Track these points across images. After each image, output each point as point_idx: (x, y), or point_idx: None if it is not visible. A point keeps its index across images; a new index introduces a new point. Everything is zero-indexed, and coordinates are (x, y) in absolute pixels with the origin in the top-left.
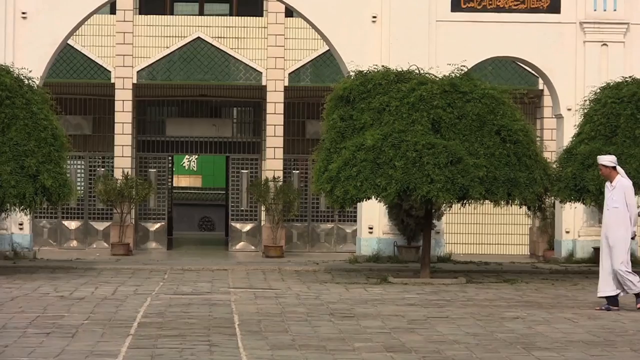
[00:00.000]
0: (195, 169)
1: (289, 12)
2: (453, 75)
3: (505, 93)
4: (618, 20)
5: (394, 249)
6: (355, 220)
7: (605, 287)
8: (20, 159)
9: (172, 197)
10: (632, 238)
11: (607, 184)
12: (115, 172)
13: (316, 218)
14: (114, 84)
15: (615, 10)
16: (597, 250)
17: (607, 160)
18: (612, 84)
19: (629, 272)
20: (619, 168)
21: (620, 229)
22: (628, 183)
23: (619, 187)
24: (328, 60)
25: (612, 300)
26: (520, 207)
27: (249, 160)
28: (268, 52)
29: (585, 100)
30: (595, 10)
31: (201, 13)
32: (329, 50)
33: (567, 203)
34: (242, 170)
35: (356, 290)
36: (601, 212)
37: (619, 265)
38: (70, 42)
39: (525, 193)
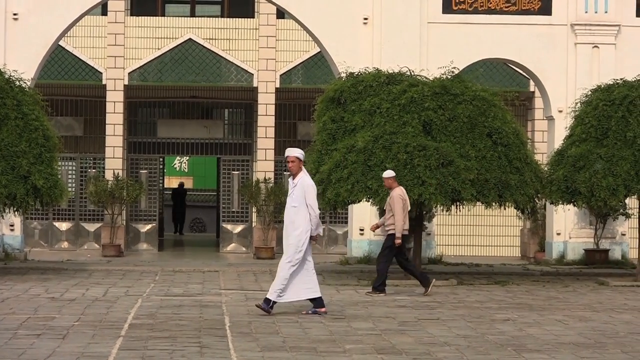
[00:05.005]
0: (186, 170)
1: (281, 13)
2: (444, 77)
3: (497, 95)
4: (609, 23)
5: None
6: (346, 222)
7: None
8: (11, 159)
9: (163, 198)
10: (314, 238)
11: (290, 180)
12: (107, 173)
13: None
14: (105, 85)
15: (606, 12)
16: (588, 252)
17: (298, 152)
18: (603, 86)
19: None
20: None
21: (298, 229)
22: (309, 181)
23: (299, 185)
24: (319, 61)
25: (319, 302)
26: (517, 210)
27: (240, 162)
28: (259, 54)
29: (577, 103)
30: (586, 12)
31: (192, 14)
32: (320, 51)
33: (559, 205)
34: (233, 172)
35: (347, 292)
36: (592, 214)
37: (288, 264)
38: (61, 43)
39: (516, 195)
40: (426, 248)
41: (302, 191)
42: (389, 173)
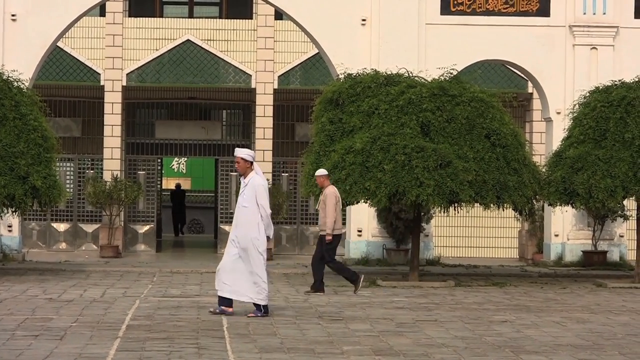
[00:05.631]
0: (184, 171)
1: (279, 14)
2: (442, 78)
3: (495, 96)
4: (607, 24)
5: (382, 252)
6: (344, 223)
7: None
8: (9, 160)
9: (161, 199)
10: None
11: (242, 179)
12: (105, 175)
13: (305, 221)
14: (103, 86)
15: (604, 13)
16: (586, 253)
17: (244, 153)
18: (601, 87)
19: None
20: (255, 164)
21: (252, 230)
22: (259, 181)
23: (250, 185)
24: (317, 63)
25: (229, 302)
26: (515, 211)
27: None
28: (257, 55)
29: (575, 104)
30: (584, 13)
31: (191, 16)
32: (318, 53)
33: (557, 207)
34: (231, 173)
35: (345, 293)
36: (590, 216)
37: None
38: (59, 44)
39: (514, 196)
40: (424, 249)
41: (253, 191)
42: (321, 172)
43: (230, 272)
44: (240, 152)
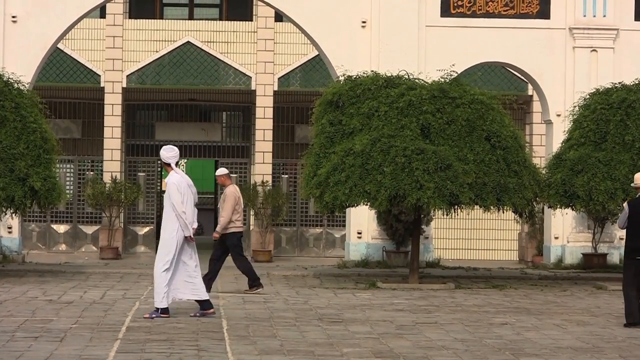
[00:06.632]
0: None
1: (279, 16)
2: (442, 80)
3: (495, 99)
4: (607, 26)
5: (382, 254)
6: (344, 225)
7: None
8: (9, 162)
9: (161, 201)
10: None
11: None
12: (105, 176)
13: (305, 223)
14: (103, 87)
15: (604, 16)
16: (586, 256)
17: (161, 151)
18: (601, 89)
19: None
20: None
21: (163, 230)
22: (171, 179)
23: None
24: (317, 65)
25: (206, 305)
26: (515, 213)
27: (238, 165)
28: (257, 57)
29: (575, 106)
30: (584, 16)
31: (191, 17)
32: (318, 55)
33: (557, 209)
34: (231, 175)
35: (345, 296)
36: (590, 218)
37: (161, 269)
38: (60, 45)
39: (514, 199)
40: (424, 252)
41: (168, 190)
42: (221, 171)
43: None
44: (162, 152)
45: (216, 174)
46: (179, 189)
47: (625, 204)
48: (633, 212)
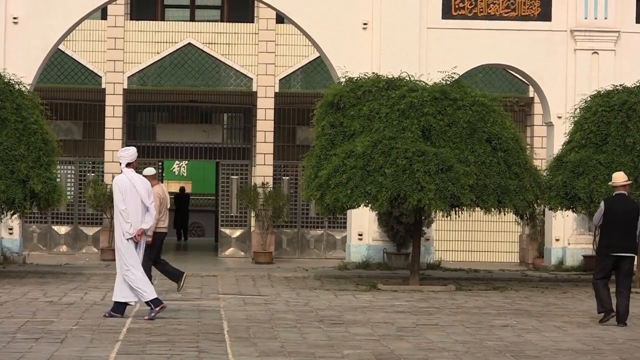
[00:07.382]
0: (185, 174)
1: (280, 18)
2: (443, 82)
3: (496, 100)
4: (609, 29)
5: (383, 256)
6: (344, 227)
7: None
8: (10, 163)
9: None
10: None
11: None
12: (105, 177)
13: (306, 224)
14: (104, 89)
15: (606, 18)
16: (587, 258)
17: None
18: (602, 92)
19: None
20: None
21: (118, 231)
22: (115, 178)
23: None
24: (318, 66)
25: (119, 307)
26: (515, 215)
27: (239, 166)
28: (259, 58)
29: (576, 108)
30: (586, 18)
31: (192, 19)
32: (319, 56)
33: (558, 211)
34: (232, 176)
35: (345, 297)
36: (591, 220)
37: (124, 271)
38: (61, 47)
39: (515, 201)
40: (425, 253)
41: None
42: (148, 171)
43: None
44: (120, 153)
45: (143, 173)
46: (120, 189)
47: (602, 202)
48: (609, 210)
